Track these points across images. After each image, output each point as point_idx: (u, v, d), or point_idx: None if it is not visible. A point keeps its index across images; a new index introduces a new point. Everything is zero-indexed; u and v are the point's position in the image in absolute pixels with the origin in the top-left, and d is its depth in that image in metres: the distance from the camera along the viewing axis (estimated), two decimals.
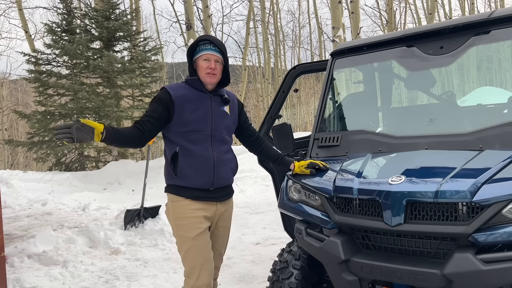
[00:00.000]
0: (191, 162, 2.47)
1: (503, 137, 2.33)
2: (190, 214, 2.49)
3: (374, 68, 3.38)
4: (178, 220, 2.53)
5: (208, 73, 2.51)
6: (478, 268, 1.92)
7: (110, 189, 10.53)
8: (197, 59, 2.55)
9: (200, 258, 2.46)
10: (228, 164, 2.61)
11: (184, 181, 2.48)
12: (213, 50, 2.53)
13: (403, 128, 2.92)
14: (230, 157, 2.64)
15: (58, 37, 13.00)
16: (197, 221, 2.48)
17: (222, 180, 2.57)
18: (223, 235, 2.71)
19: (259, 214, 7.19)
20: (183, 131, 2.48)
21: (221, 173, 2.55)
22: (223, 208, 2.64)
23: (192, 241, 2.46)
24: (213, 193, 2.55)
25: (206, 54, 2.52)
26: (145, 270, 4.58)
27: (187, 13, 12.07)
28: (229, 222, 2.75)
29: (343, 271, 2.31)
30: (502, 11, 2.62)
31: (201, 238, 2.48)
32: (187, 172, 2.47)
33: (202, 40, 2.57)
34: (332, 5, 10.42)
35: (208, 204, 2.54)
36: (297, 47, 33.98)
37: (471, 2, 23.41)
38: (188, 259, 2.49)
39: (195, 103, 2.51)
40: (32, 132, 12.75)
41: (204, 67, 2.51)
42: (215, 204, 2.57)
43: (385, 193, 2.18)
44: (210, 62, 2.51)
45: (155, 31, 27.92)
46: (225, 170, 2.58)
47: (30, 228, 6.45)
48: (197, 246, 2.46)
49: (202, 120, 2.50)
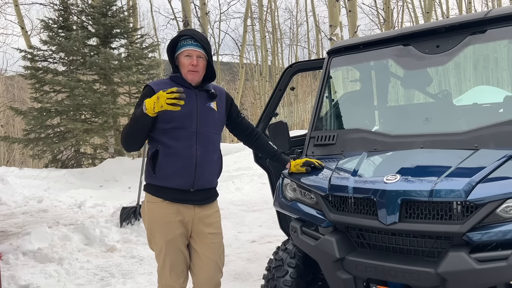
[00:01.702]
0: (172, 160, 2.35)
1: (498, 137, 2.34)
2: (164, 218, 2.39)
3: (370, 66, 3.38)
4: (152, 222, 2.44)
5: (190, 71, 2.41)
6: (472, 267, 1.92)
7: (106, 186, 10.51)
8: (178, 56, 2.44)
9: (169, 261, 2.40)
10: (213, 166, 2.48)
11: (163, 180, 2.37)
12: (195, 46, 2.41)
13: (399, 127, 2.92)
14: (215, 158, 2.51)
15: (55, 34, 12.94)
16: (171, 226, 2.39)
17: (203, 182, 2.43)
18: (215, 242, 2.52)
19: (255, 212, 7.19)
20: (167, 128, 2.36)
21: (203, 174, 2.41)
22: (202, 213, 2.47)
23: (164, 245, 2.40)
24: (193, 195, 2.41)
25: (187, 50, 2.40)
26: (140, 267, 4.57)
27: (185, 10, 12.04)
28: (218, 228, 2.58)
29: (338, 270, 2.32)
30: (498, 10, 2.62)
31: (173, 244, 2.40)
32: (166, 171, 2.36)
33: (182, 36, 2.45)
34: (330, 3, 10.41)
35: (185, 207, 2.41)
36: (294, 45, 34.01)
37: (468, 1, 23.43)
38: (160, 260, 2.44)
39: None
40: (28, 129, 12.69)
41: (186, 64, 2.40)
42: (192, 208, 2.44)
43: (380, 191, 2.18)
44: (192, 58, 2.40)
45: (152, 28, 27.88)
46: (208, 172, 2.45)
47: (26, 225, 6.43)
48: (168, 250, 2.40)
49: (187, 117, 2.38)
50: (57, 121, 12.97)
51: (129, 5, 17.91)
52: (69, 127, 11.76)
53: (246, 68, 30.13)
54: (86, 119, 12.67)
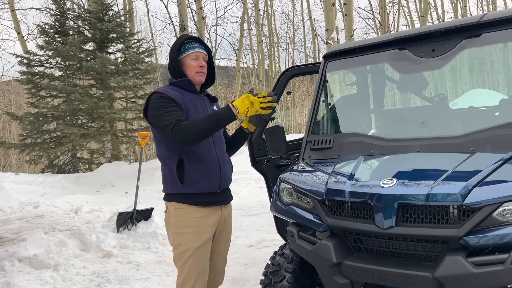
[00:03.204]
0: (198, 166, 2.37)
1: (494, 140, 2.34)
2: (195, 222, 2.40)
3: (366, 70, 3.39)
4: (181, 228, 2.41)
5: (198, 72, 2.45)
6: (469, 271, 1.92)
7: (103, 192, 10.47)
8: (184, 58, 2.46)
9: (197, 269, 2.39)
10: (230, 164, 2.59)
11: (192, 187, 2.37)
12: (200, 48, 2.47)
13: (395, 131, 2.93)
14: (228, 156, 2.61)
15: (51, 39, 12.93)
16: (202, 230, 2.40)
17: (227, 181, 2.53)
18: (226, 239, 2.65)
19: (252, 216, 7.18)
20: None
21: (226, 174, 2.51)
22: (227, 212, 2.59)
23: (194, 251, 2.38)
24: (220, 195, 2.49)
25: (194, 53, 2.45)
26: (137, 273, 4.55)
27: (181, 15, 12.05)
28: (230, 226, 2.70)
29: (335, 274, 2.30)
30: (493, 14, 2.63)
31: (202, 249, 2.40)
32: (194, 178, 2.36)
33: (187, 39, 2.50)
34: (326, 8, 10.44)
35: (214, 209, 2.46)
36: (291, 49, 34.09)
37: (463, 5, 23.58)
38: (185, 269, 2.39)
39: (193, 105, 2.43)
40: (24, 134, 12.66)
41: (194, 65, 2.44)
42: (219, 209, 2.50)
43: (376, 196, 2.17)
44: (199, 60, 2.45)
45: (149, 33, 27.88)
46: (229, 170, 2.55)
47: (21, 231, 6.39)
48: (197, 257, 2.38)
49: None
50: (53, 126, 12.93)
51: (126, 10, 17.91)
52: (66, 132, 11.73)
53: (243, 72, 30.16)
54: (82, 124, 12.65)
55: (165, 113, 2.29)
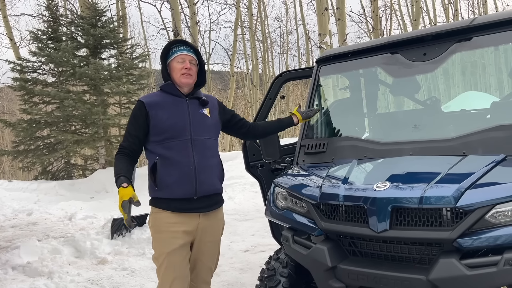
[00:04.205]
0: (171, 171, 2.36)
1: (486, 142, 2.36)
2: (167, 228, 2.39)
3: (359, 74, 3.41)
4: (155, 233, 2.44)
5: (184, 74, 2.45)
6: (462, 273, 1.93)
7: (97, 198, 10.41)
8: (171, 62, 2.49)
9: (171, 275, 2.37)
10: (213, 170, 2.50)
11: (165, 192, 2.38)
12: (187, 51, 2.48)
13: (388, 134, 2.94)
14: (215, 162, 2.53)
15: (44, 45, 12.87)
16: (174, 236, 2.37)
17: (206, 187, 2.44)
18: (211, 250, 2.56)
19: (248, 221, 7.16)
20: (160, 139, 2.39)
21: (204, 180, 2.42)
22: (207, 222, 2.49)
23: (166, 256, 2.37)
24: (197, 202, 2.42)
25: (180, 55, 2.46)
26: (132, 279, 4.52)
27: (175, 20, 12.06)
28: (218, 236, 2.61)
29: (330, 278, 2.31)
30: (483, 18, 2.66)
31: (175, 254, 2.37)
32: (167, 182, 2.36)
33: (175, 43, 2.52)
34: (319, 12, 10.50)
35: (189, 216, 2.41)
36: (285, 53, 34.16)
37: (455, 9, 23.80)
38: (160, 274, 2.41)
39: (170, 109, 2.43)
40: (17, 141, 12.56)
41: (179, 68, 2.45)
42: (197, 217, 2.44)
43: (370, 199, 2.18)
44: (185, 62, 2.45)
45: (142, 38, 27.90)
46: (208, 177, 2.46)
47: (15, 239, 6.33)
48: (170, 262, 2.37)
49: (180, 126, 2.40)
50: (47, 132, 12.85)
51: (119, 16, 17.89)
52: (59, 138, 11.66)
53: (237, 77, 30.19)
54: (76, 130, 12.58)
55: (126, 132, 2.47)
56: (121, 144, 2.45)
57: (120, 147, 2.45)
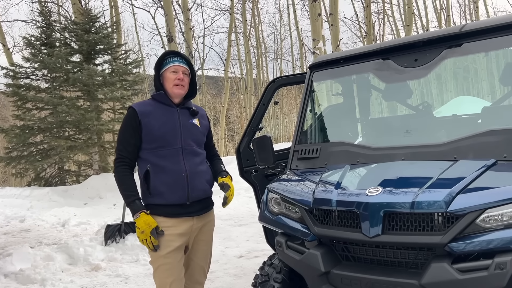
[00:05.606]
0: (163, 178, 2.44)
1: (476, 147, 2.38)
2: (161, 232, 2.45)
3: (352, 80, 3.44)
4: None
5: (176, 84, 2.51)
6: (454, 278, 1.94)
7: (91, 204, 10.35)
8: (164, 72, 2.55)
9: (169, 276, 2.43)
10: (204, 176, 2.59)
11: (159, 198, 2.45)
12: (180, 62, 2.55)
13: (381, 140, 2.96)
14: (204, 168, 2.62)
15: (37, 51, 12.82)
16: (169, 239, 2.44)
17: (198, 193, 2.54)
18: (204, 249, 2.67)
19: (242, 226, 7.15)
20: (152, 147, 2.46)
21: (196, 186, 2.52)
22: (200, 223, 2.60)
23: (162, 259, 2.43)
24: (190, 207, 2.51)
25: (174, 66, 2.53)
26: (126, 286, 4.50)
27: (169, 26, 12.07)
28: (210, 236, 2.71)
29: (324, 284, 2.32)
30: (473, 24, 2.70)
31: (171, 256, 2.44)
32: (160, 189, 2.44)
33: (168, 54, 2.59)
34: (312, 18, 10.56)
35: (183, 220, 2.50)
36: (279, 58, 34.26)
37: (447, 14, 24.03)
38: (157, 277, 2.47)
39: (162, 118, 2.49)
40: (10, 147, 12.47)
41: (172, 78, 2.51)
42: (191, 220, 2.53)
43: (363, 204, 2.19)
44: (178, 73, 2.52)
45: (136, 44, 27.86)
46: (200, 183, 2.55)
47: (7, 246, 6.26)
48: (167, 264, 2.43)
49: (171, 134, 2.48)
50: (40, 138, 12.77)
51: (113, 21, 17.85)
52: (53, 144, 11.60)
53: (231, 82, 30.23)
54: (69, 136, 12.51)
55: (124, 140, 2.49)
56: (121, 154, 2.48)
57: (120, 156, 2.48)
